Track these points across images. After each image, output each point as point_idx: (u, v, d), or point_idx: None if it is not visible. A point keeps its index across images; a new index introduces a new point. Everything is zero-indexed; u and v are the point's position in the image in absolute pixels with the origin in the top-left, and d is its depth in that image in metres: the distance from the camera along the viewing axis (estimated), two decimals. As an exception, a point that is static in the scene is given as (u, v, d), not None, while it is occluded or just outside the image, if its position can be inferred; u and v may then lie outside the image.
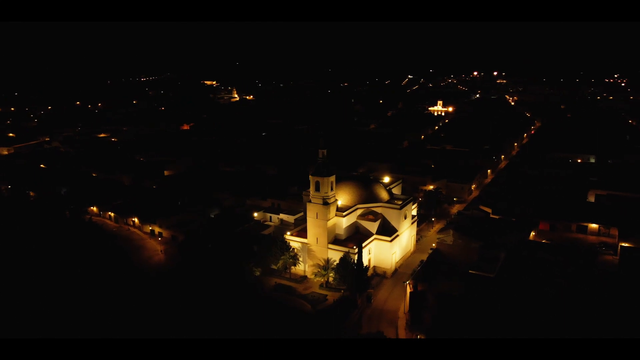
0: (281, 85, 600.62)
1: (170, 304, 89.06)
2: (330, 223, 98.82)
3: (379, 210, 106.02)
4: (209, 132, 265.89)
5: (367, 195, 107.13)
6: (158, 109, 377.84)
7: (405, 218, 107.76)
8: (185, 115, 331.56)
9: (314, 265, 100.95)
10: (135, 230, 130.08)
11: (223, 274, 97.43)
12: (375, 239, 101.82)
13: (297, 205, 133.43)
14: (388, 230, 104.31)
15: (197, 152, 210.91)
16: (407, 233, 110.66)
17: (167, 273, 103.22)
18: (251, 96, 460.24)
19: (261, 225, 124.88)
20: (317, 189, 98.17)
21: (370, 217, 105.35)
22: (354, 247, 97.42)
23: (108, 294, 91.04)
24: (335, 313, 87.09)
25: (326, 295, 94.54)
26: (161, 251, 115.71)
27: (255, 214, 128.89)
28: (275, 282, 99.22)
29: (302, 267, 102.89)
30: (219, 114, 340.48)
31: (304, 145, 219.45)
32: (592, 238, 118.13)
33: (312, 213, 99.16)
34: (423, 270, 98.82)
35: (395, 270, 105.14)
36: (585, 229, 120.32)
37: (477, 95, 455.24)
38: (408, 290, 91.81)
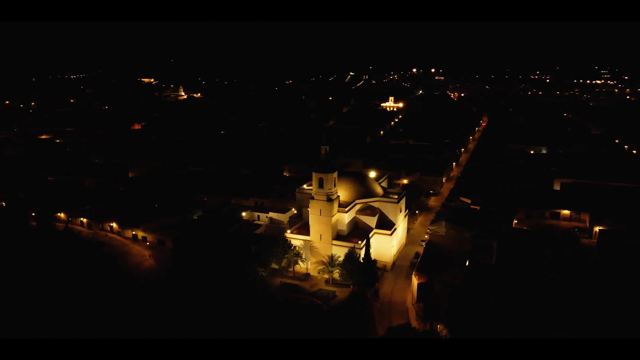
0: (225, 82, 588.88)
1: (179, 309, 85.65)
2: (333, 219, 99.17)
3: (376, 204, 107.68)
4: (165, 131, 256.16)
5: (363, 190, 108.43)
6: (102, 108, 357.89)
7: (400, 211, 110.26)
8: (133, 114, 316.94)
9: (317, 262, 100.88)
10: (114, 236, 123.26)
11: (227, 276, 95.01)
12: (375, 233, 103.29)
13: (282, 203, 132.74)
14: (386, 224, 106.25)
15: (161, 152, 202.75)
16: (401, 226, 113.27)
17: (164, 278, 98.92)
18: (199, 94, 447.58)
19: (251, 224, 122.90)
20: (321, 185, 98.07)
21: (368, 211, 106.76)
22: (359, 242, 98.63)
23: (109, 305, 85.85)
24: (348, 309, 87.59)
25: (334, 291, 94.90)
26: (150, 256, 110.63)
27: (244, 214, 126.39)
28: (281, 282, 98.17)
29: (304, 265, 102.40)
30: (170, 113, 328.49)
31: (269, 143, 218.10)
32: (565, 223, 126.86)
33: (315, 210, 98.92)
34: (423, 262, 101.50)
35: (394, 263, 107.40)
36: (558, 215, 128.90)
37: (421, 92, 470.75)
38: (415, 281, 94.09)
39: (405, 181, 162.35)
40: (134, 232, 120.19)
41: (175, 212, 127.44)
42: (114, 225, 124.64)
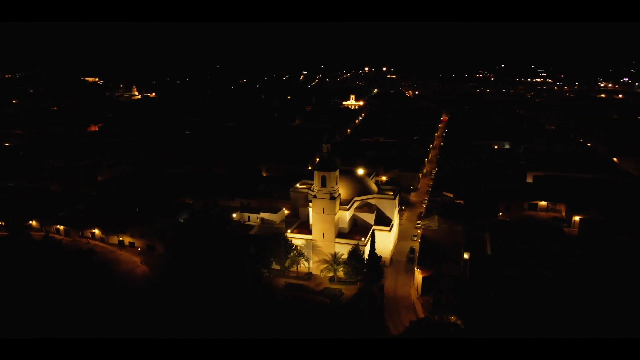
0: (178, 82, 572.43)
1: (185, 314, 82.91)
2: (335, 217, 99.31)
3: (373, 201, 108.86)
4: (125, 132, 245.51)
5: (360, 188, 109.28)
6: (50, 109, 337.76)
7: (395, 207, 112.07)
8: (87, 114, 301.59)
9: (319, 261, 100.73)
10: (97, 243, 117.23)
11: (230, 278, 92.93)
12: (375, 229, 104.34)
13: (270, 203, 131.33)
14: (383, 221, 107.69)
15: (127, 154, 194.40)
16: (396, 222, 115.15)
17: (161, 283, 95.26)
18: (153, 93, 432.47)
19: (243, 225, 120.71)
20: (324, 184, 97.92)
21: (366, 209, 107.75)
22: (362, 239, 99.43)
23: (111, 317, 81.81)
24: (361, 306, 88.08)
25: (341, 289, 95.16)
26: (141, 262, 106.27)
27: (234, 215, 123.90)
28: (286, 282, 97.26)
29: (307, 265, 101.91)
30: (126, 113, 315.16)
31: (242, 143, 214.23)
32: (542, 214, 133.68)
33: (317, 209, 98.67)
34: (422, 257, 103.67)
35: (391, 258, 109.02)
36: (535, 207, 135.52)
37: (377, 90, 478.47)
38: (419, 275, 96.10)
39: (384, 178, 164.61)
40: (120, 238, 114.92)
41: (161, 216, 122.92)
42: (97, 231, 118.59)
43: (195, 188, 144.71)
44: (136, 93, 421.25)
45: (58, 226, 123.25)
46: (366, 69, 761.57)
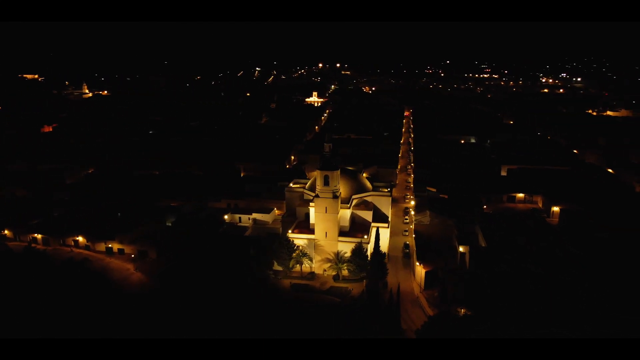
0: (128, 79, 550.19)
1: (193, 318, 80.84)
2: (338, 216, 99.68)
3: (369, 199, 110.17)
4: (84, 132, 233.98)
5: (357, 186, 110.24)
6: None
7: (390, 204, 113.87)
8: (37, 114, 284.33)
9: (322, 260, 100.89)
10: (81, 251, 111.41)
11: (235, 280, 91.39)
12: (374, 226, 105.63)
13: (259, 203, 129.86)
14: (380, 217, 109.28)
15: (95, 156, 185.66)
16: (390, 218, 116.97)
17: (161, 289, 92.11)
18: (105, 91, 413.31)
19: (236, 227, 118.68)
20: (326, 183, 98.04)
21: (363, 206, 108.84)
22: (365, 236, 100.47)
23: (117, 330, 78.46)
24: (369, 303, 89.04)
25: (347, 287, 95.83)
26: (135, 269, 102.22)
27: (226, 217, 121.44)
28: (291, 283, 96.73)
29: (309, 264, 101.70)
30: (80, 113, 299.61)
31: (211, 142, 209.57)
32: (521, 206, 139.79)
33: (320, 208, 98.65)
34: (420, 251, 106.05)
35: (387, 254, 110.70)
36: (514, 199, 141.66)
37: (335, 86, 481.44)
38: (422, 270, 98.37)
39: (364, 174, 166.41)
40: (108, 245, 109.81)
41: (147, 220, 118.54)
42: (80, 239, 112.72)
43: (175, 190, 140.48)
44: (87, 91, 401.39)
45: (35, 235, 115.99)
46: (320, 65, 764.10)
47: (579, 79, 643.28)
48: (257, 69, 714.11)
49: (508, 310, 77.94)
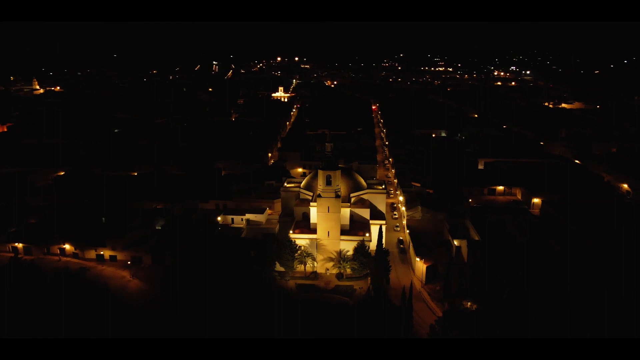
0: (79, 73, 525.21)
1: (211, 322, 79.34)
2: (340, 215, 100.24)
3: (366, 197, 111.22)
4: (45, 132, 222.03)
5: (354, 184, 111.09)
6: None
7: (385, 201, 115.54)
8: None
9: (324, 259, 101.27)
10: (69, 259, 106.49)
11: (242, 283, 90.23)
12: (372, 223, 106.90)
13: (248, 203, 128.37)
14: (377, 215, 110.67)
15: (62, 156, 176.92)
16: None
17: (170, 296, 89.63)
18: (58, 87, 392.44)
19: (231, 228, 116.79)
20: (329, 183, 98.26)
21: (360, 204, 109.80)
22: (366, 234, 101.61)
23: (134, 339, 75.86)
24: (378, 301, 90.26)
25: (352, 285, 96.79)
26: (132, 276, 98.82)
27: (219, 218, 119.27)
28: (296, 283, 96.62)
29: (312, 264, 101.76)
30: (35, 110, 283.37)
31: (184, 140, 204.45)
32: (501, 198, 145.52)
33: (322, 208, 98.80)
34: (417, 247, 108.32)
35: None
36: (494, 192, 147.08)
37: (296, 80, 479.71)
38: (422, 265, 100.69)
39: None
40: (100, 252, 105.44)
41: (136, 224, 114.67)
42: (67, 247, 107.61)
43: (158, 191, 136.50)
44: (38, 87, 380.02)
45: (15, 244, 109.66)
46: (279, 58, 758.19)
47: (527, 72, 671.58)
48: (214, 62, 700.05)
49: (512, 302, 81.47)
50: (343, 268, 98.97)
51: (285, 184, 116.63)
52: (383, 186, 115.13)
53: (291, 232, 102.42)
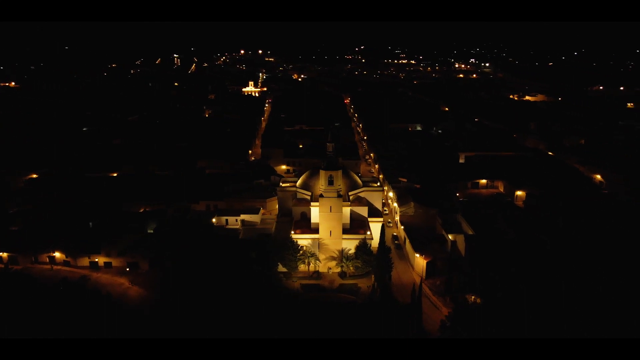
0: (32, 67, 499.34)
1: (220, 326, 78.70)
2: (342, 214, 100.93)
3: (362, 194, 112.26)
4: (8, 131, 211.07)
5: (350, 183, 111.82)
6: None
7: (381, 198, 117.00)
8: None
9: (326, 258, 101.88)
10: (61, 267, 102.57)
11: (248, 285, 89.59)
12: (371, 221, 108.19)
13: (238, 204, 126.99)
14: (374, 212, 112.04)
15: (33, 157, 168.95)
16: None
17: (174, 302, 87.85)
18: (13, 82, 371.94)
19: (227, 230, 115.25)
20: (330, 182, 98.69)
21: (357, 202, 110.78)
22: (368, 232, 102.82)
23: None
24: (384, 299, 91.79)
25: (355, 283, 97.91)
26: (131, 283, 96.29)
27: (214, 220, 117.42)
28: (301, 284, 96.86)
29: (317, 264, 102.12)
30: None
31: (152, 138, 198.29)
32: (484, 191, 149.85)
33: (324, 207, 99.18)
34: (414, 243, 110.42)
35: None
36: (477, 185, 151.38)
37: (263, 74, 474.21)
38: (423, 261, 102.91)
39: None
40: (94, 259, 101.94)
41: (127, 228, 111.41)
42: (57, 255, 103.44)
43: (143, 193, 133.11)
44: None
45: (1, 254, 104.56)
46: (242, 51, 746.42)
47: (487, 64, 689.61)
48: (175, 55, 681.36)
49: (515, 295, 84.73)
50: (346, 267, 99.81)
51: (281, 184, 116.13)
52: (378, 183, 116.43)
53: (292, 232, 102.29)
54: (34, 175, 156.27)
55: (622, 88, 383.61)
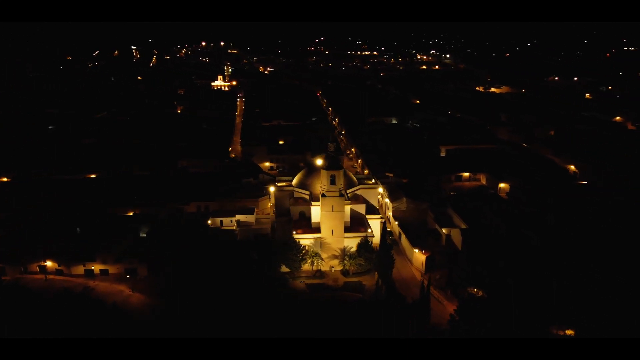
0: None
1: (232, 329, 78.11)
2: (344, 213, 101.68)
3: (359, 192, 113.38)
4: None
5: (346, 181, 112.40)
6: None
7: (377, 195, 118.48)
8: None
9: (328, 257, 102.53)
10: (55, 277, 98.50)
11: (256, 288, 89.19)
12: (369, 218, 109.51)
13: (229, 204, 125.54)
14: (371, 210, 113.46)
15: None
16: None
17: (180, 307, 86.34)
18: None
19: (223, 231, 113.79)
20: (333, 182, 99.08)
21: (354, 200, 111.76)
22: (369, 229, 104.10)
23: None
24: (390, 295, 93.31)
25: (360, 281, 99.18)
26: (132, 290, 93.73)
27: (209, 221, 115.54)
28: (306, 283, 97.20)
29: (321, 263, 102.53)
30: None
31: (136, 137, 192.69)
32: (467, 184, 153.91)
33: (327, 207, 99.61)
34: (410, 238, 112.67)
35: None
36: (460, 178, 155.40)
37: (228, 67, 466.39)
38: (421, 256, 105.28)
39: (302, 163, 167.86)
40: (90, 267, 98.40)
41: (118, 234, 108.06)
42: (49, 264, 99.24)
43: (128, 195, 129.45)
44: None
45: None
46: (203, 43, 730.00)
47: (447, 56, 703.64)
48: (133, 47, 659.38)
49: (516, 286, 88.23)
50: (349, 265, 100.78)
51: (277, 183, 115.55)
52: (373, 180, 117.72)
53: (294, 232, 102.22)
54: (4, 179, 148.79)
55: (575, 79, 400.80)
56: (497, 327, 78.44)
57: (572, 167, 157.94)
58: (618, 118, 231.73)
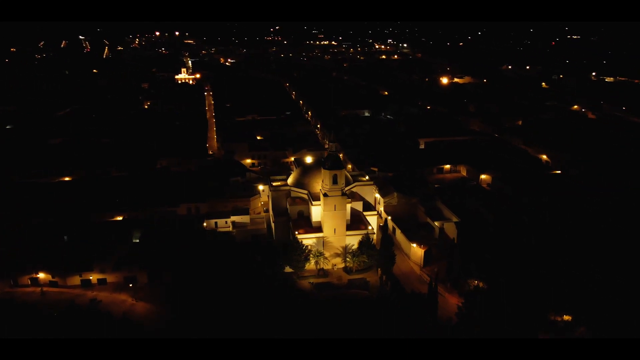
0: None
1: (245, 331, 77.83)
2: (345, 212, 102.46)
3: (355, 189, 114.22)
4: None
5: (345, 178, 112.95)
6: None
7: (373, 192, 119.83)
8: None
9: (330, 255, 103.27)
10: (51, 289, 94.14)
11: (263, 289, 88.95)
12: (367, 215, 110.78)
13: (220, 205, 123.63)
14: (367, 206, 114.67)
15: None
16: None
17: (187, 313, 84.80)
18: None
19: (220, 232, 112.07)
20: (335, 181, 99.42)
21: (351, 198, 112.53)
22: (369, 227, 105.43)
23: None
24: (396, 291, 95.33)
25: (364, 278, 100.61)
26: (135, 299, 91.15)
27: (205, 224, 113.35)
28: (311, 283, 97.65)
29: (322, 262, 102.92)
30: None
31: (105, 135, 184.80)
32: (449, 176, 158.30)
33: (329, 206, 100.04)
34: (405, 232, 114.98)
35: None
36: (442, 170, 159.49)
37: (187, 58, 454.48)
38: (419, 251, 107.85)
39: (292, 159, 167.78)
40: (87, 277, 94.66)
41: (114, 239, 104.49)
42: (42, 275, 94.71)
43: (112, 198, 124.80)
44: None
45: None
46: (157, 33, 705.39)
47: (404, 45, 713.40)
48: (81, 37, 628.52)
49: (515, 276, 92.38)
50: (352, 262, 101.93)
51: (273, 183, 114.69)
52: (367, 177, 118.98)
53: (297, 232, 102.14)
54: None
55: (527, 67, 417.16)
56: (502, 316, 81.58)
57: (544, 156, 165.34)
58: (576, 107, 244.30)
